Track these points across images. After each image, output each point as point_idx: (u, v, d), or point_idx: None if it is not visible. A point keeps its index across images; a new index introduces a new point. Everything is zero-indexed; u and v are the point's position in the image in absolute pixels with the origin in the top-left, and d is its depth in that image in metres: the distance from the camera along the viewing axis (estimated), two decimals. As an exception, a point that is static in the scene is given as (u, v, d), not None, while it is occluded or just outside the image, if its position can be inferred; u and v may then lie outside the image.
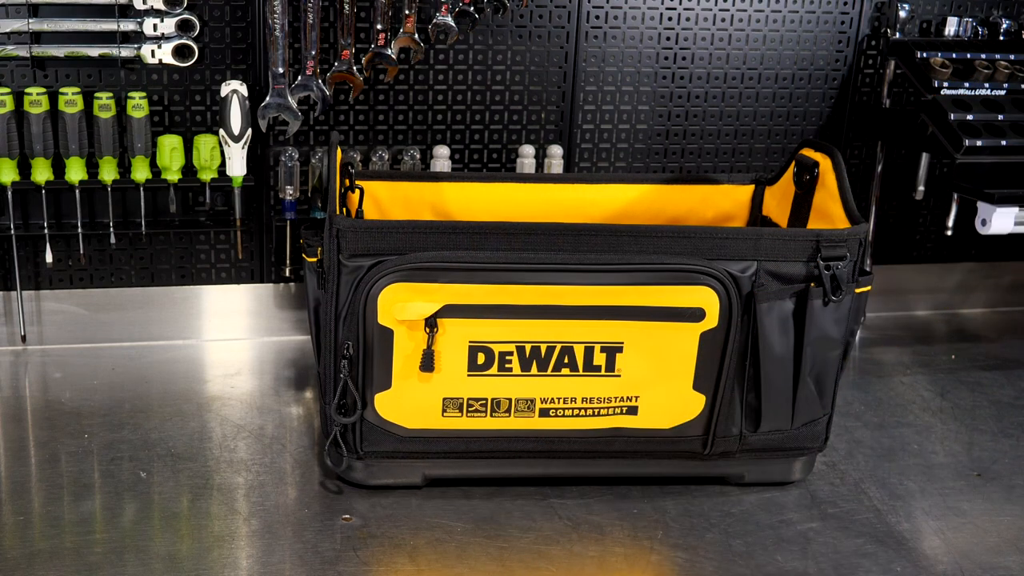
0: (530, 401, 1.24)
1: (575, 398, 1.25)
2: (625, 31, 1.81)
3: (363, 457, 1.26)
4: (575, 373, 1.23)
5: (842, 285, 1.23)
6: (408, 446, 1.26)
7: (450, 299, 1.18)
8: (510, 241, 1.19)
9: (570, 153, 1.85)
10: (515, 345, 1.21)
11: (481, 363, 1.22)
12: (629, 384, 1.25)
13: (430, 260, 1.17)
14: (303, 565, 1.15)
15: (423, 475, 1.30)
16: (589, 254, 1.20)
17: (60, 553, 1.15)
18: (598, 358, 1.23)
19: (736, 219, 1.55)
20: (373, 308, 1.18)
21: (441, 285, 1.18)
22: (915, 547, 1.24)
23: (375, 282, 1.17)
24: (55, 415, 1.49)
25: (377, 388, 1.22)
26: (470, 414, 1.24)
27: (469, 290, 1.18)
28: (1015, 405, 1.67)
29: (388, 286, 1.17)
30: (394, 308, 1.18)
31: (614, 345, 1.22)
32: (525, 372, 1.23)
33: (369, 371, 1.21)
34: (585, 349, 1.22)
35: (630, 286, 1.20)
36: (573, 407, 1.25)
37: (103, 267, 1.74)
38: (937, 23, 1.92)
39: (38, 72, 1.62)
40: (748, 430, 1.28)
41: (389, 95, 1.76)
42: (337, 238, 1.18)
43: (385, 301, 1.18)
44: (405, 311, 1.18)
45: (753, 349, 1.24)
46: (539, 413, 1.25)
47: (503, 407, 1.24)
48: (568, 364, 1.23)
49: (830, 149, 1.36)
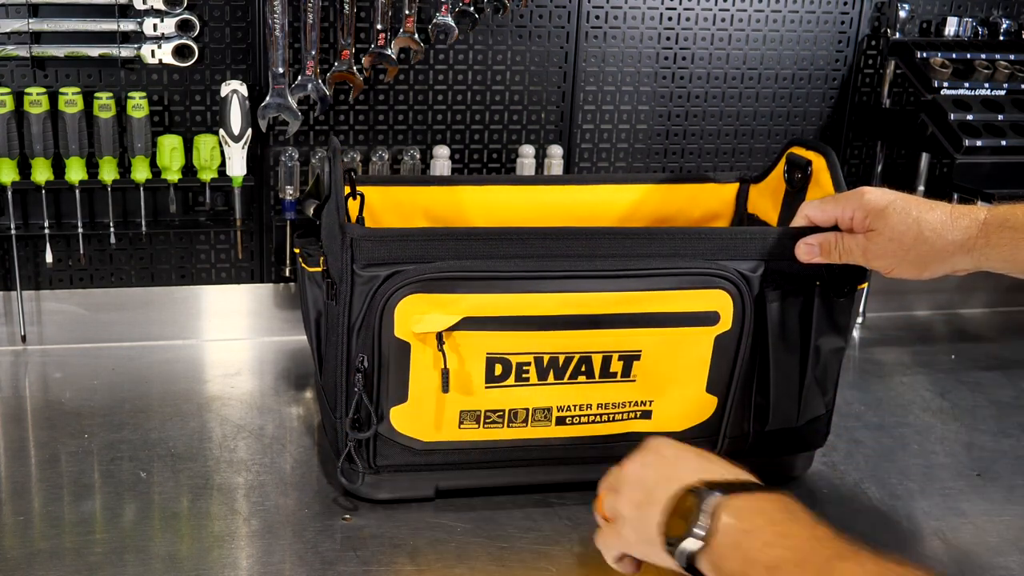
0: (547, 410, 1.23)
1: (591, 404, 1.24)
2: (625, 31, 1.81)
3: (377, 471, 1.24)
4: (591, 380, 1.22)
5: (849, 282, 1.24)
6: (423, 459, 1.24)
7: (468, 311, 1.16)
8: (526, 247, 1.17)
9: (570, 153, 1.85)
10: (533, 356, 1.20)
11: (499, 375, 1.20)
12: (644, 389, 1.24)
13: (449, 270, 1.14)
14: (303, 565, 1.15)
15: (436, 487, 1.28)
16: (606, 259, 1.19)
17: (60, 553, 1.15)
18: (615, 365, 1.22)
19: (721, 217, 1.55)
20: (390, 321, 1.15)
21: (460, 296, 1.15)
22: (915, 547, 1.24)
23: (392, 293, 1.14)
24: (55, 415, 1.49)
25: (393, 402, 1.20)
26: (487, 425, 1.23)
27: (487, 301, 1.16)
28: (1015, 405, 1.67)
29: (405, 297, 1.14)
30: (411, 320, 1.15)
31: (632, 353, 1.22)
32: (542, 382, 1.21)
33: (385, 385, 1.18)
34: (603, 358, 1.21)
35: (648, 292, 1.19)
36: (589, 414, 1.24)
37: (103, 267, 1.74)
38: (937, 23, 1.92)
39: (38, 72, 1.62)
40: (756, 429, 1.29)
41: (389, 95, 1.76)
42: (351, 247, 1.14)
43: (402, 313, 1.15)
44: (423, 324, 1.15)
45: (762, 349, 1.24)
46: (556, 422, 1.24)
47: (520, 417, 1.23)
48: (585, 372, 1.22)
49: (823, 148, 1.36)
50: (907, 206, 1.14)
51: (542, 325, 1.19)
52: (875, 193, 1.16)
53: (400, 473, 1.25)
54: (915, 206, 1.14)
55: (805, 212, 1.23)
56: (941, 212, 1.13)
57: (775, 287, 1.22)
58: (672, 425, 1.27)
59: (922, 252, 1.13)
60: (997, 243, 1.10)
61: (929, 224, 1.12)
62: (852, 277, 1.24)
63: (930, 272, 1.15)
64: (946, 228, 1.12)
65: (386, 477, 1.25)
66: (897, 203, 1.14)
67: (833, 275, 1.23)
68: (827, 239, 1.19)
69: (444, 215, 1.48)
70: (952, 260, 1.13)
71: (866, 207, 1.16)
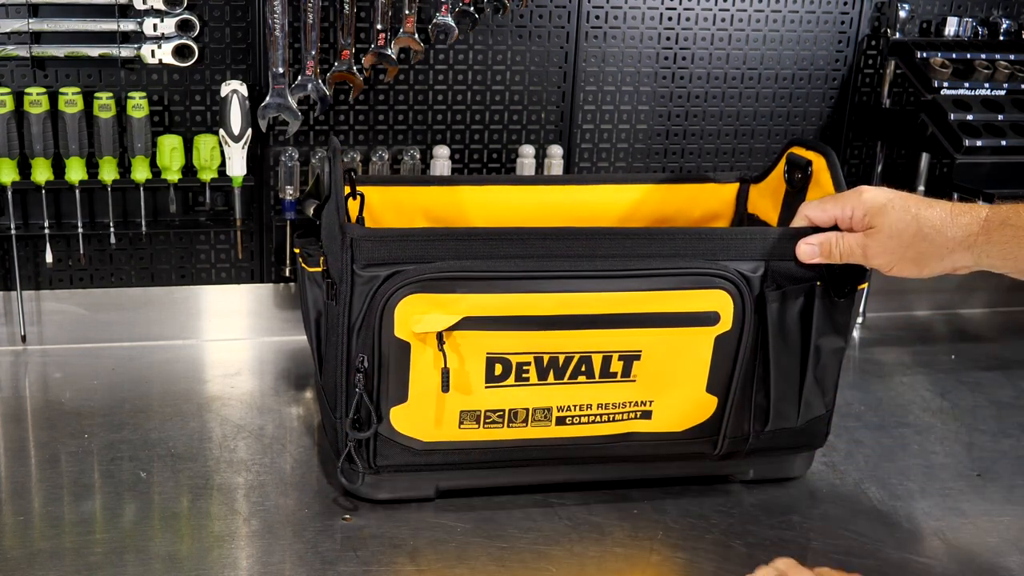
0: (547, 410, 1.23)
1: (591, 404, 1.24)
2: (625, 31, 1.81)
3: (377, 471, 1.24)
4: (591, 380, 1.22)
5: (849, 282, 1.24)
6: (423, 459, 1.24)
7: (468, 311, 1.16)
8: (526, 247, 1.17)
9: (570, 153, 1.85)
10: (533, 356, 1.20)
11: (499, 374, 1.20)
12: (644, 389, 1.24)
13: (449, 270, 1.15)
14: (303, 565, 1.15)
15: (436, 487, 1.28)
16: (607, 259, 1.19)
17: (60, 553, 1.14)
18: (615, 365, 1.22)
19: (721, 217, 1.55)
20: (390, 321, 1.15)
21: (460, 296, 1.15)
22: (915, 547, 1.24)
23: (392, 293, 1.14)
24: (55, 415, 1.49)
25: (393, 402, 1.20)
26: (487, 425, 1.23)
27: (487, 301, 1.16)
28: (1015, 405, 1.67)
29: (405, 297, 1.14)
30: (411, 320, 1.15)
31: (632, 353, 1.22)
32: (542, 381, 1.21)
33: (385, 385, 1.19)
34: (603, 358, 1.21)
35: (649, 292, 1.19)
36: (589, 414, 1.24)
37: (103, 267, 1.74)
38: (937, 23, 1.92)
39: (38, 72, 1.62)
40: (756, 429, 1.28)
41: (389, 95, 1.76)
42: (351, 248, 1.14)
43: (402, 313, 1.15)
44: (423, 324, 1.15)
45: (763, 349, 1.24)
46: (556, 422, 1.24)
47: (520, 417, 1.23)
48: (585, 372, 1.22)
49: (824, 148, 1.36)
50: (906, 203, 1.14)
51: (542, 325, 1.18)
52: (874, 191, 1.16)
53: (400, 473, 1.25)
54: (914, 203, 1.14)
55: (805, 212, 1.23)
56: (941, 209, 1.13)
57: (775, 287, 1.22)
58: (672, 425, 1.27)
59: (922, 249, 1.13)
60: (999, 240, 1.09)
61: (929, 221, 1.12)
62: (852, 277, 1.24)
63: (930, 270, 1.15)
64: (946, 225, 1.12)
65: (386, 477, 1.25)
66: (896, 200, 1.14)
67: (833, 275, 1.23)
68: (827, 239, 1.19)
69: (444, 215, 1.48)
70: (952, 257, 1.12)
71: (865, 205, 1.16)
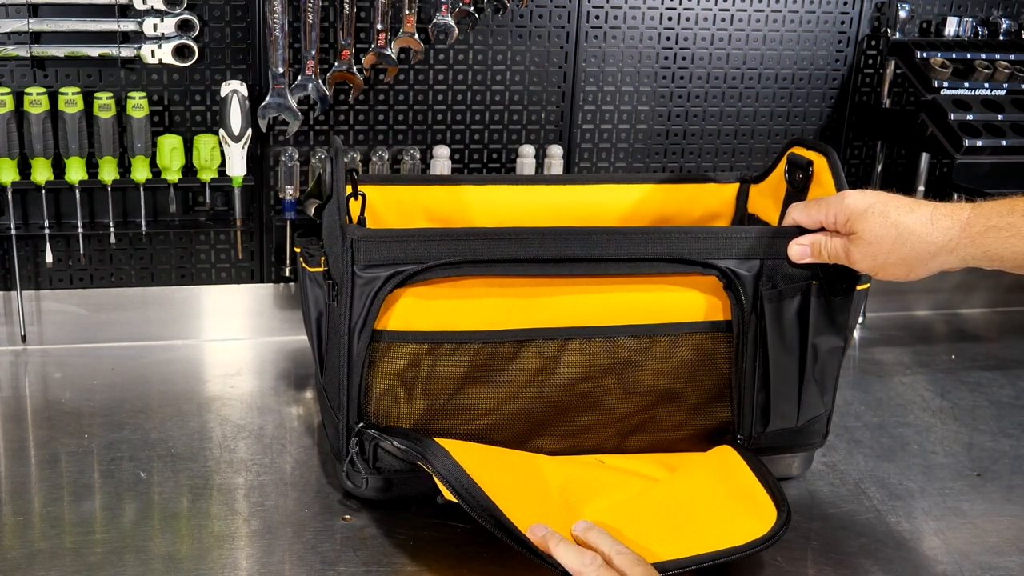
0: None
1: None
2: (625, 31, 1.81)
3: (378, 472, 1.24)
4: None
5: (844, 281, 1.24)
6: None
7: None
8: (526, 247, 1.17)
9: (570, 153, 1.85)
10: None
11: None
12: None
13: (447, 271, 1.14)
14: (303, 565, 1.15)
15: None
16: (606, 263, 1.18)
17: (60, 553, 1.15)
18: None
19: (722, 217, 1.55)
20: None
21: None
22: (915, 547, 1.24)
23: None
24: (55, 415, 1.49)
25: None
26: None
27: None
28: (1015, 405, 1.67)
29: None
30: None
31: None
32: None
33: None
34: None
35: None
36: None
37: (103, 267, 1.74)
38: (937, 23, 1.92)
39: (38, 72, 1.62)
40: (757, 430, 1.28)
41: (389, 95, 1.76)
42: (352, 249, 1.14)
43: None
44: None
45: (762, 349, 1.24)
46: None
47: None
48: None
49: (825, 148, 1.36)
50: (886, 209, 1.12)
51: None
52: (856, 196, 1.15)
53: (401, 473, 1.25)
54: (895, 209, 1.12)
55: (792, 215, 1.23)
56: (921, 214, 1.11)
57: (772, 287, 1.22)
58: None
59: (903, 255, 1.12)
60: (981, 243, 1.08)
61: (908, 227, 1.11)
62: (848, 277, 1.24)
63: (915, 274, 1.14)
64: (926, 230, 1.10)
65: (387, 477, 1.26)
66: (876, 206, 1.13)
67: (828, 275, 1.23)
68: (817, 240, 1.19)
69: (445, 215, 1.48)
70: (937, 260, 1.11)
71: (847, 210, 1.15)
